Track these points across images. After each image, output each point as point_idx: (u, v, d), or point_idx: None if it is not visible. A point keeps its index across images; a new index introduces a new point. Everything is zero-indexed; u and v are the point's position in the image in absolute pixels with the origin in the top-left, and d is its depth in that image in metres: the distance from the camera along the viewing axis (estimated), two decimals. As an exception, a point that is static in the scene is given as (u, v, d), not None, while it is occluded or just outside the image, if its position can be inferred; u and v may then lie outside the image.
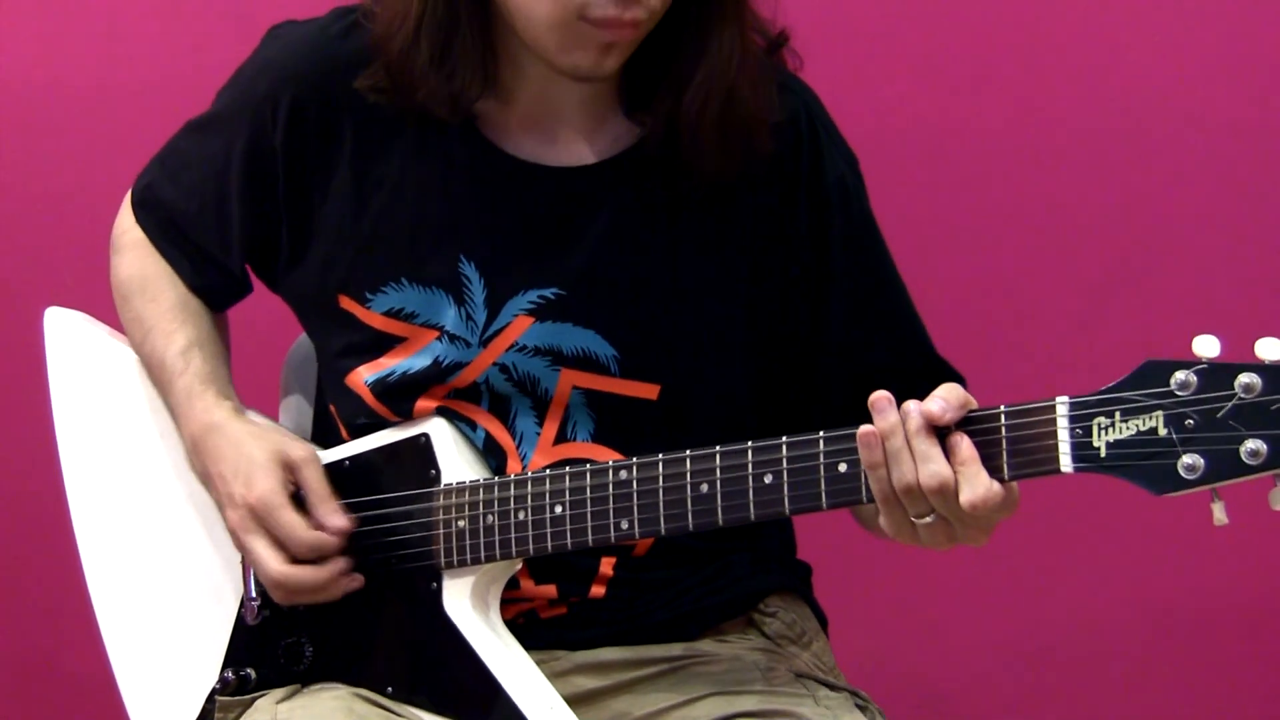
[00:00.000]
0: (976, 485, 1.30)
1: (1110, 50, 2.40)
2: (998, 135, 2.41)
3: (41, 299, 1.79)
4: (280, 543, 1.51)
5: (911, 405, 1.33)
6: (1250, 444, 1.26)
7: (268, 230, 1.61)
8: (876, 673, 1.81)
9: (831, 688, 1.56)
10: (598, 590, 1.54)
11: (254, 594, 1.58)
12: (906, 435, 1.32)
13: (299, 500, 1.53)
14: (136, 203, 1.71)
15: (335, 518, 1.51)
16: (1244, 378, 1.26)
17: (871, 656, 1.94)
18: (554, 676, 1.51)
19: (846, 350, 1.55)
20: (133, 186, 1.72)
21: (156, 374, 1.64)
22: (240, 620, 1.60)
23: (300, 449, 1.55)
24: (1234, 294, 2.35)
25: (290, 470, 1.53)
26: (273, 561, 1.51)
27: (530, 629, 1.53)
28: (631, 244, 1.53)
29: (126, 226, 1.71)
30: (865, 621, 1.54)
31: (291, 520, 1.50)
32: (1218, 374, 1.27)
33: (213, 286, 1.67)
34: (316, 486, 1.53)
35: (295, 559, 1.51)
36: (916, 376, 1.47)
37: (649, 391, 1.52)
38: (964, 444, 1.31)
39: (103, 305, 1.75)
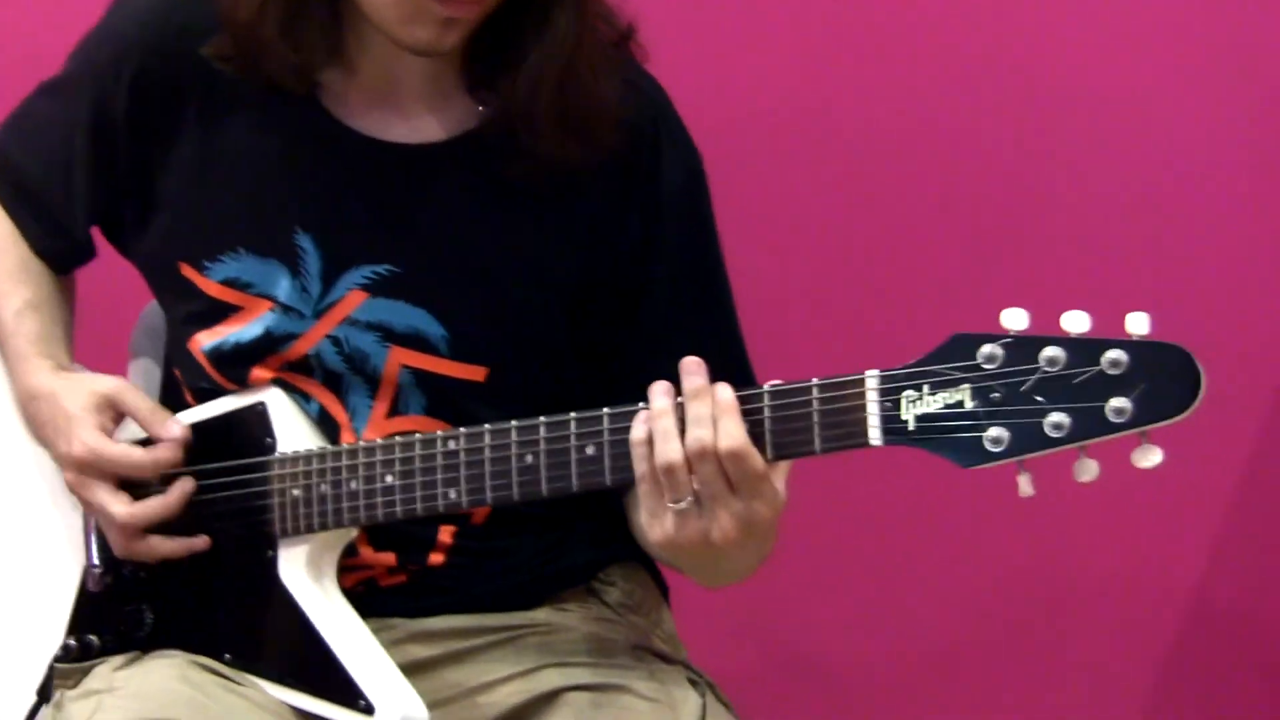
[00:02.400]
0: (735, 433, 1.32)
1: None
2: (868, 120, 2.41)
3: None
4: (118, 480, 1.51)
5: (694, 365, 1.36)
6: (1054, 416, 1.27)
7: (112, 198, 1.61)
8: (720, 644, 1.83)
9: (666, 660, 1.57)
10: (436, 558, 1.55)
11: (96, 561, 1.59)
12: (682, 403, 1.34)
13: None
14: None
15: (171, 426, 1.53)
16: (1048, 351, 1.28)
17: (716, 628, 1.97)
18: (390, 645, 1.52)
19: (658, 355, 1.50)
20: None
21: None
22: (83, 587, 1.60)
23: (108, 381, 1.57)
24: (1086, 268, 2.37)
25: (106, 406, 1.54)
26: (114, 503, 1.51)
27: (370, 597, 1.54)
28: (468, 225, 1.54)
29: None
30: (710, 592, 1.54)
31: (119, 450, 1.52)
32: (1023, 347, 1.29)
33: (58, 250, 1.67)
34: (140, 406, 1.55)
35: (142, 491, 1.52)
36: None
37: (476, 374, 1.53)
38: (725, 392, 1.34)
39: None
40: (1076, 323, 1.28)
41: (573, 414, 1.41)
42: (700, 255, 1.61)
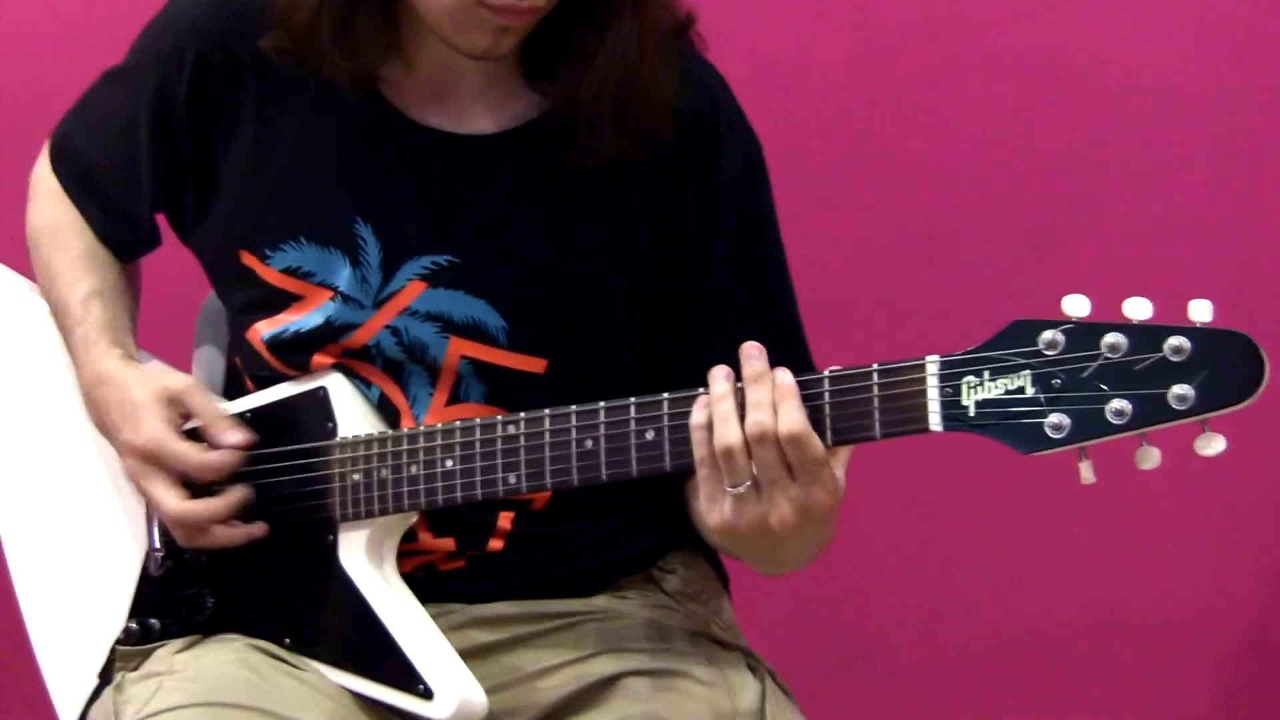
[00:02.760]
0: (795, 417, 1.32)
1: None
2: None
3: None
4: (178, 476, 1.52)
5: (754, 350, 1.36)
6: (1115, 403, 1.27)
7: (174, 184, 1.62)
8: (779, 633, 1.83)
9: (725, 646, 1.58)
10: (495, 544, 1.56)
11: (157, 545, 1.60)
12: (742, 389, 1.34)
13: (196, 435, 1.55)
14: (54, 152, 1.72)
15: (232, 434, 1.53)
16: (1109, 337, 1.27)
17: (775, 617, 1.96)
18: (449, 630, 1.53)
19: (718, 343, 1.50)
20: (51, 134, 1.74)
21: (60, 321, 1.66)
22: (145, 571, 1.62)
23: (178, 379, 1.57)
24: (1141, 255, 2.36)
25: (174, 403, 1.55)
26: (169, 499, 1.52)
27: (429, 582, 1.55)
28: (526, 216, 1.54)
29: (43, 174, 1.73)
30: (770, 581, 1.54)
31: (183, 449, 1.52)
32: (1084, 333, 1.28)
33: (122, 237, 1.69)
34: (206, 409, 1.55)
35: (200, 488, 1.52)
36: None
37: (536, 365, 1.54)
38: (785, 377, 1.34)
39: (19, 255, 1.76)
40: (1138, 309, 1.28)
41: (632, 399, 1.41)
42: (759, 242, 1.60)
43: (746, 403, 1.34)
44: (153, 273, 1.76)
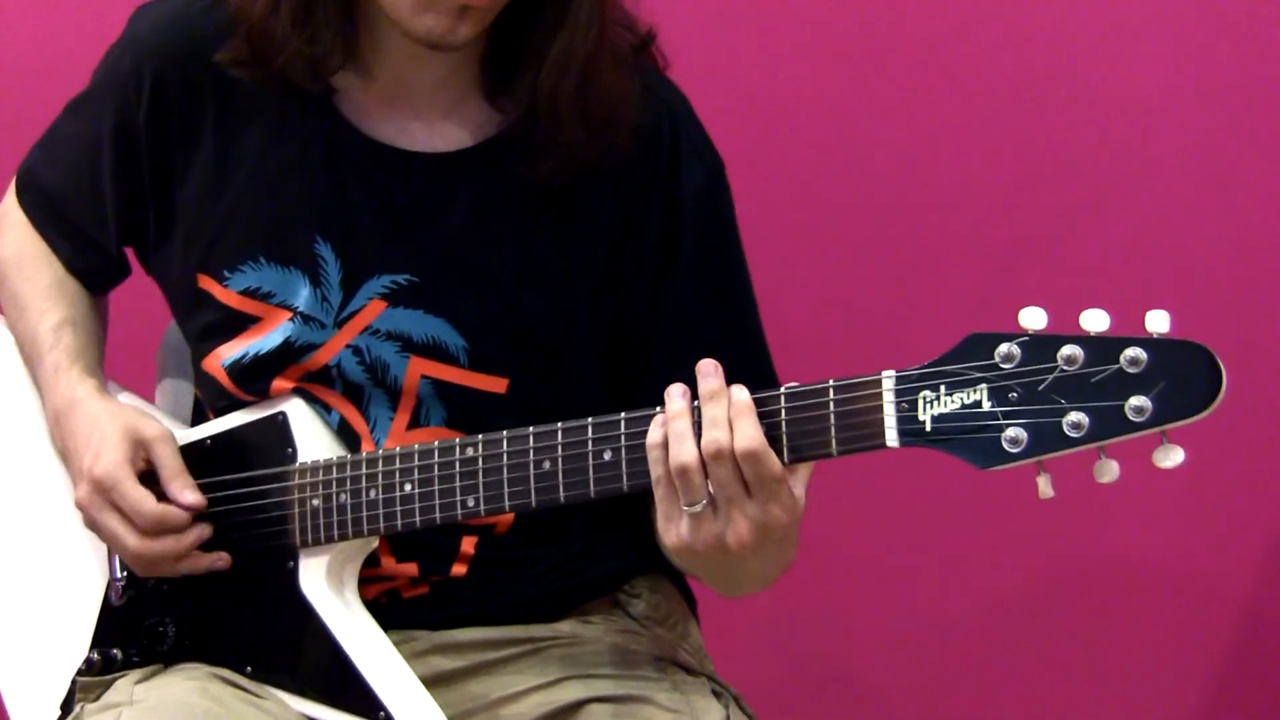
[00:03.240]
0: (751, 433, 1.30)
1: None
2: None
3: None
4: (127, 517, 1.51)
5: (710, 368, 1.34)
6: (1073, 416, 1.25)
7: (137, 210, 1.61)
8: (748, 657, 1.81)
9: (690, 672, 1.56)
10: (459, 569, 1.54)
11: (119, 574, 1.59)
12: (698, 407, 1.33)
13: (153, 480, 1.53)
14: (19, 185, 1.72)
15: (187, 494, 1.52)
16: (1066, 350, 1.26)
17: (744, 640, 1.94)
18: (412, 657, 1.52)
19: (678, 362, 1.49)
20: (18, 168, 1.73)
21: (27, 350, 1.65)
22: (107, 601, 1.60)
23: (153, 427, 1.55)
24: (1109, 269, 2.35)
25: (142, 447, 1.53)
26: (128, 536, 1.51)
27: (393, 608, 1.54)
28: (486, 234, 1.53)
29: (8, 209, 1.72)
30: (739, 604, 1.52)
31: (137, 494, 1.51)
32: (1040, 346, 1.27)
33: (91, 268, 1.68)
34: (169, 463, 1.53)
35: (144, 534, 1.51)
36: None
37: (497, 385, 1.52)
38: (741, 394, 1.32)
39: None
40: (1095, 321, 1.26)
41: (590, 419, 1.40)
42: (721, 257, 1.59)
43: (703, 420, 1.33)
44: (117, 301, 1.74)
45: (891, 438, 1.30)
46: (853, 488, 1.96)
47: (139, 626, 1.58)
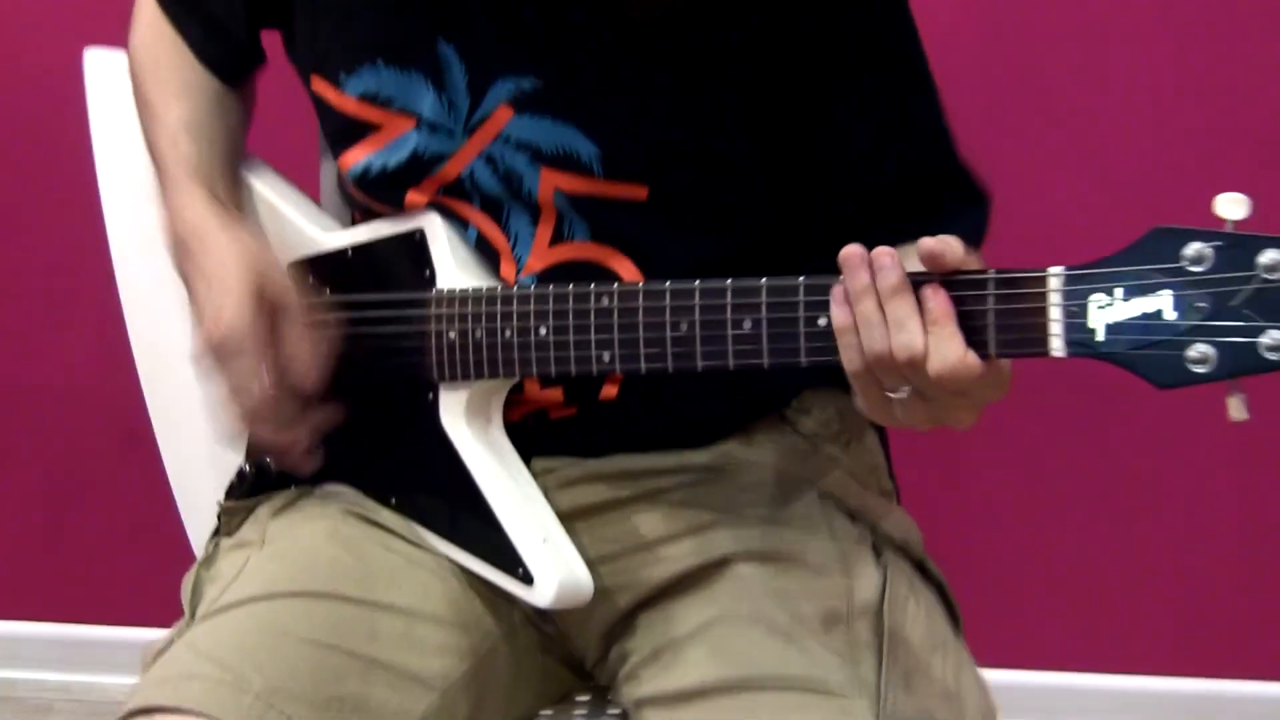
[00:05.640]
0: (947, 354, 1.13)
1: None
2: None
3: (81, 40, 1.68)
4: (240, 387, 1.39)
5: (887, 259, 1.15)
6: (1272, 334, 1.06)
7: (268, 5, 1.48)
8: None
9: (853, 517, 1.43)
10: (609, 390, 1.43)
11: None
12: (879, 296, 1.15)
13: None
14: None
15: (306, 379, 1.39)
16: (1268, 255, 1.06)
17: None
18: (559, 488, 1.44)
19: (854, 158, 1.37)
20: None
21: (151, 152, 1.54)
22: None
23: (278, 284, 1.41)
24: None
25: (265, 304, 1.39)
26: (231, 410, 1.40)
27: (539, 431, 1.44)
28: (617, 33, 1.35)
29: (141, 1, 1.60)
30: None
31: (247, 369, 1.38)
32: (1238, 248, 1.07)
33: (222, 54, 1.55)
34: (291, 339, 1.40)
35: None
36: (934, 188, 1.35)
37: (637, 193, 1.37)
38: (937, 300, 1.14)
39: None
40: (1301, 216, 1.06)
41: (730, 281, 1.25)
42: (893, 40, 1.39)
43: (887, 318, 1.16)
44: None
45: (1057, 345, 1.12)
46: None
47: None
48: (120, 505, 2.17)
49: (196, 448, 1.61)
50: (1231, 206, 1.08)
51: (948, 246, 1.14)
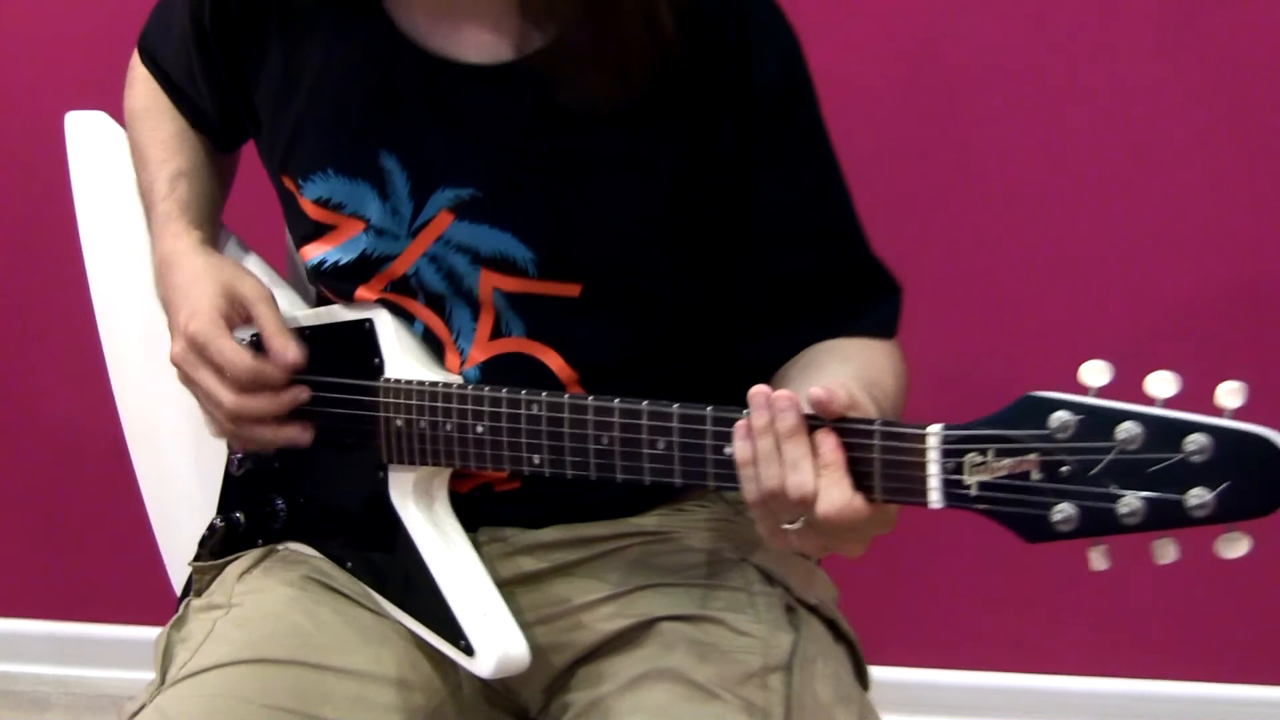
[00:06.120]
0: (835, 497, 1.23)
1: None
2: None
3: (62, 105, 1.79)
4: (221, 372, 1.50)
5: (784, 402, 1.25)
6: (1128, 501, 1.16)
7: (228, 103, 1.61)
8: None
9: (770, 579, 1.54)
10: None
11: (237, 449, 1.62)
12: (776, 437, 1.24)
13: (255, 346, 1.54)
14: (140, 46, 1.73)
15: (290, 349, 1.51)
16: (1125, 428, 1.15)
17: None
18: (501, 558, 1.55)
19: (767, 258, 1.47)
20: (143, 27, 1.72)
21: (145, 199, 1.66)
22: (229, 470, 1.65)
23: (251, 286, 1.54)
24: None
25: (239, 305, 1.53)
26: (222, 392, 1.51)
27: (485, 504, 1.55)
28: (547, 143, 1.44)
29: (136, 62, 1.72)
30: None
31: (232, 348, 1.50)
32: (1098, 419, 1.16)
33: (210, 130, 1.68)
34: (269, 321, 1.53)
35: (241, 389, 1.51)
36: (846, 284, 1.47)
37: (570, 290, 1.47)
38: (828, 446, 1.24)
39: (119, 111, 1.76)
40: (1161, 387, 1.14)
41: (645, 403, 1.34)
42: (807, 146, 1.49)
43: (783, 458, 1.25)
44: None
45: (935, 498, 1.22)
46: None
47: (255, 499, 1.62)
48: (114, 507, 2.30)
49: (175, 477, 1.73)
50: (1096, 374, 1.16)
51: (833, 395, 1.24)
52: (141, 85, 1.71)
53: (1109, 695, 2.64)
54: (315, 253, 1.53)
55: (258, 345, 1.54)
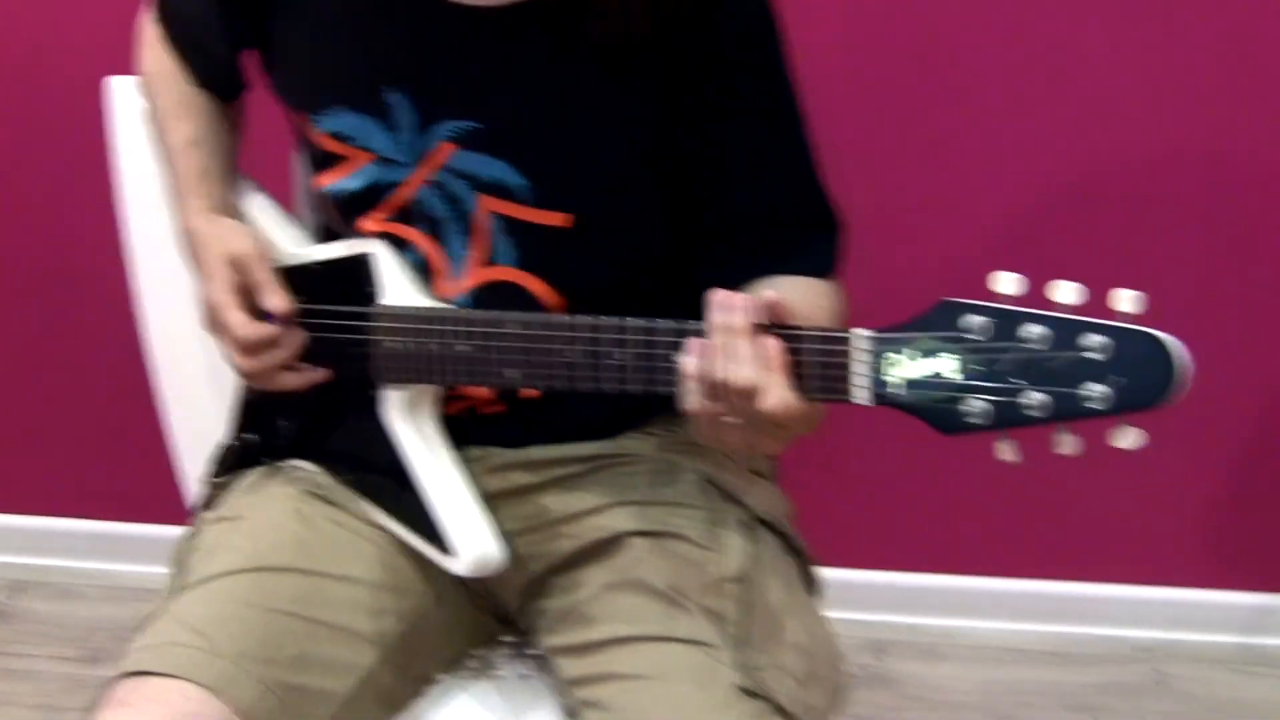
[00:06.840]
0: (778, 393, 1.36)
1: None
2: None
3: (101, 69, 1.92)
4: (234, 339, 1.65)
5: (739, 303, 1.39)
6: (1032, 395, 1.28)
7: (245, 40, 1.73)
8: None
9: (730, 497, 1.67)
10: (532, 392, 1.65)
11: None
12: (732, 334, 1.38)
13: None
14: (153, 3, 1.82)
15: (274, 300, 1.63)
16: (1028, 328, 1.27)
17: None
18: (491, 472, 1.68)
19: (721, 193, 1.60)
20: None
21: (168, 163, 1.78)
22: (244, 392, 1.80)
23: (241, 244, 1.66)
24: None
25: (235, 266, 1.65)
26: (236, 356, 1.66)
27: (471, 425, 1.68)
28: (547, 82, 1.58)
29: (148, 22, 1.83)
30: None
31: (234, 318, 1.63)
32: (1004, 321, 1.28)
33: (218, 80, 1.79)
34: (256, 276, 1.65)
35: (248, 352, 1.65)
36: (786, 226, 1.61)
37: (562, 220, 1.59)
38: (773, 346, 1.37)
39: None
40: (1064, 294, 1.26)
41: (603, 318, 1.48)
42: (771, 95, 1.61)
43: (737, 355, 1.38)
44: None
45: (860, 395, 1.34)
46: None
47: (266, 420, 1.76)
48: (141, 422, 2.43)
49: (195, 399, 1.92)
50: (1004, 282, 1.28)
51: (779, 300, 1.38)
52: (150, 49, 1.81)
53: (1039, 595, 2.82)
54: (329, 181, 1.67)
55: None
